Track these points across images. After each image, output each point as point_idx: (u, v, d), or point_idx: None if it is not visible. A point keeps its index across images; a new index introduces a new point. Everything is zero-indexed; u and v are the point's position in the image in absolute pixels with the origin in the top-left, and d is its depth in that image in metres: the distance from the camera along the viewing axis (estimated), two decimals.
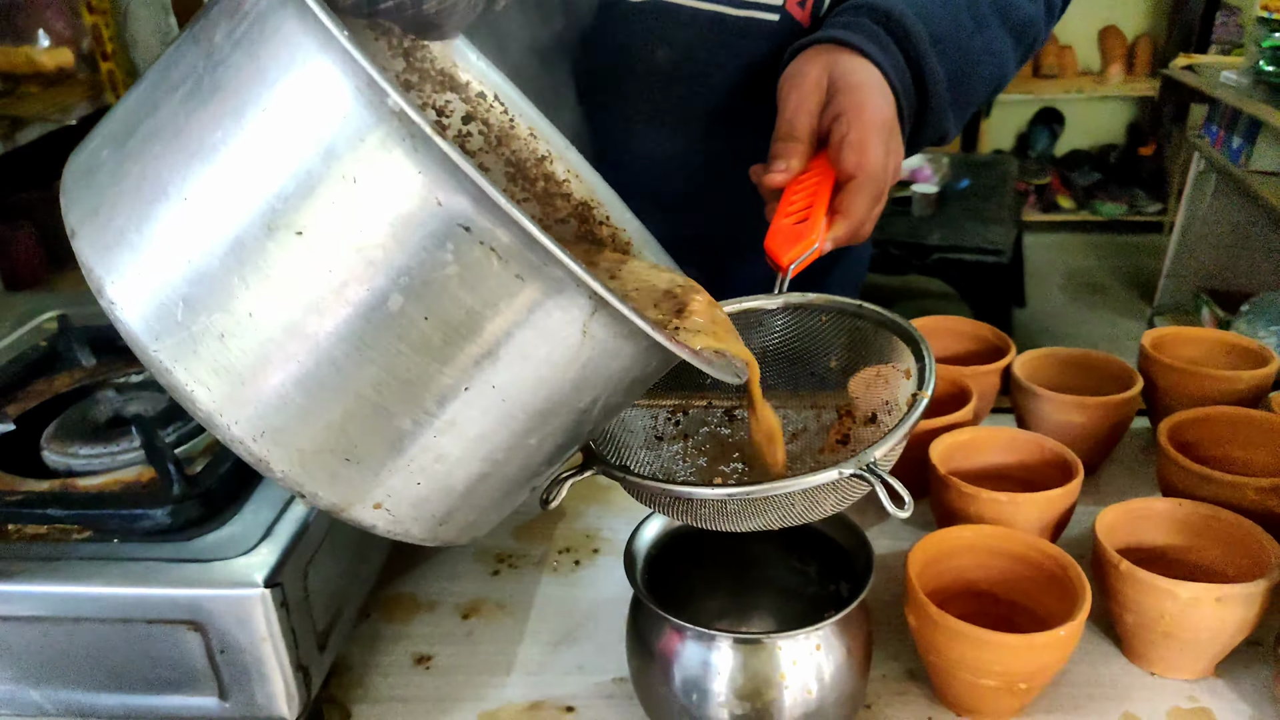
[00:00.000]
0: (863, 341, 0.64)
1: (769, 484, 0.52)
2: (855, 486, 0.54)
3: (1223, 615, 0.59)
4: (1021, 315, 3.79)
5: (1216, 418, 0.77)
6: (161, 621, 0.54)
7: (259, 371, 0.41)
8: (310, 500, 0.44)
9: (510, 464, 0.46)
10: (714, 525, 0.56)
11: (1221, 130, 2.19)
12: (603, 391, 0.46)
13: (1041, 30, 0.85)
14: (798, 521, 0.55)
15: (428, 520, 0.47)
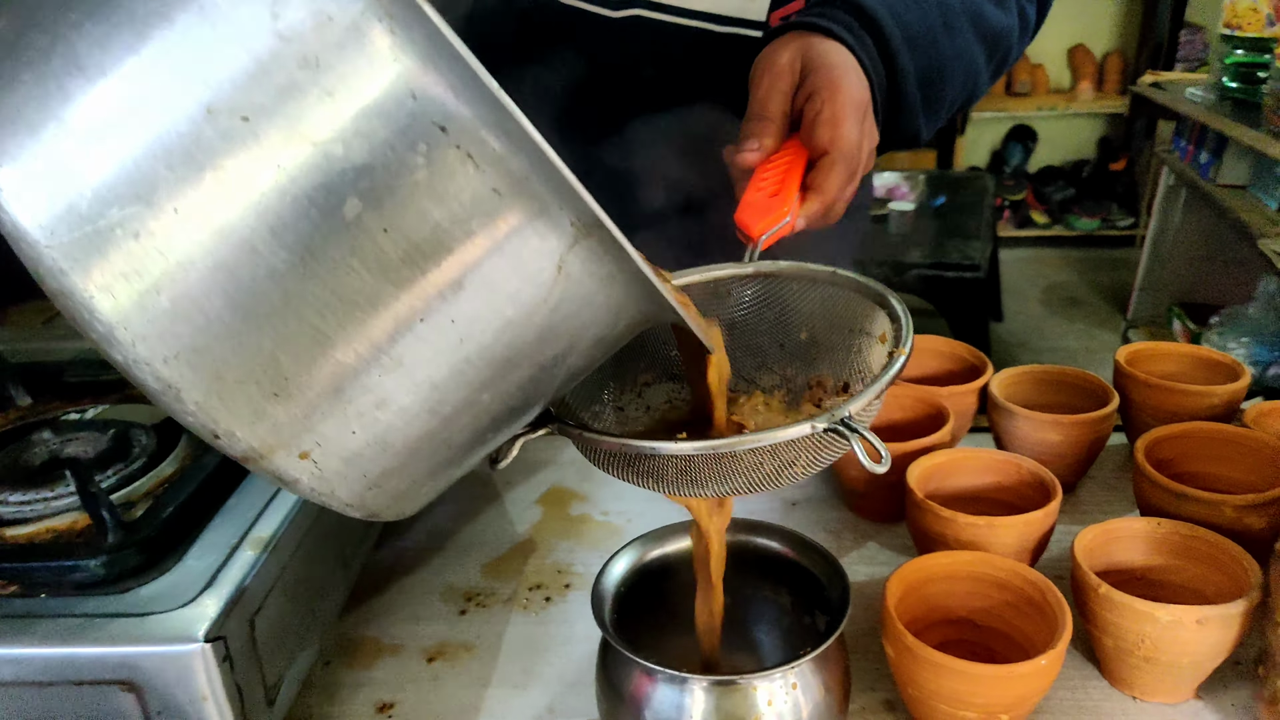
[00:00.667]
0: (836, 310, 0.60)
1: (738, 438, 0.47)
2: (829, 446, 0.49)
3: (1203, 637, 0.57)
4: (999, 329, 3.80)
5: (1193, 434, 0.75)
6: (91, 683, 0.51)
7: (180, 279, 0.34)
8: (225, 443, 0.37)
9: (457, 422, 0.41)
10: (678, 489, 0.51)
11: (1190, 145, 2.20)
12: (568, 347, 0.41)
13: (1014, 43, 0.84)
14: (768, 486, 0.51)
15: (357, 481, 0.40)
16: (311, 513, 0.62)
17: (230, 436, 0.37)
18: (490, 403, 0.41)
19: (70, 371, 0.79)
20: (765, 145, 0.66)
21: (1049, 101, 4.52)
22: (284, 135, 0.34)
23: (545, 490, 0.89)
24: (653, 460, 0.49)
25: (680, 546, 0.62)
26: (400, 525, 0.84)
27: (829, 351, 0.60)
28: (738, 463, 0.48)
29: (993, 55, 0.82)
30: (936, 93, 0.77)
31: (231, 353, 0.36)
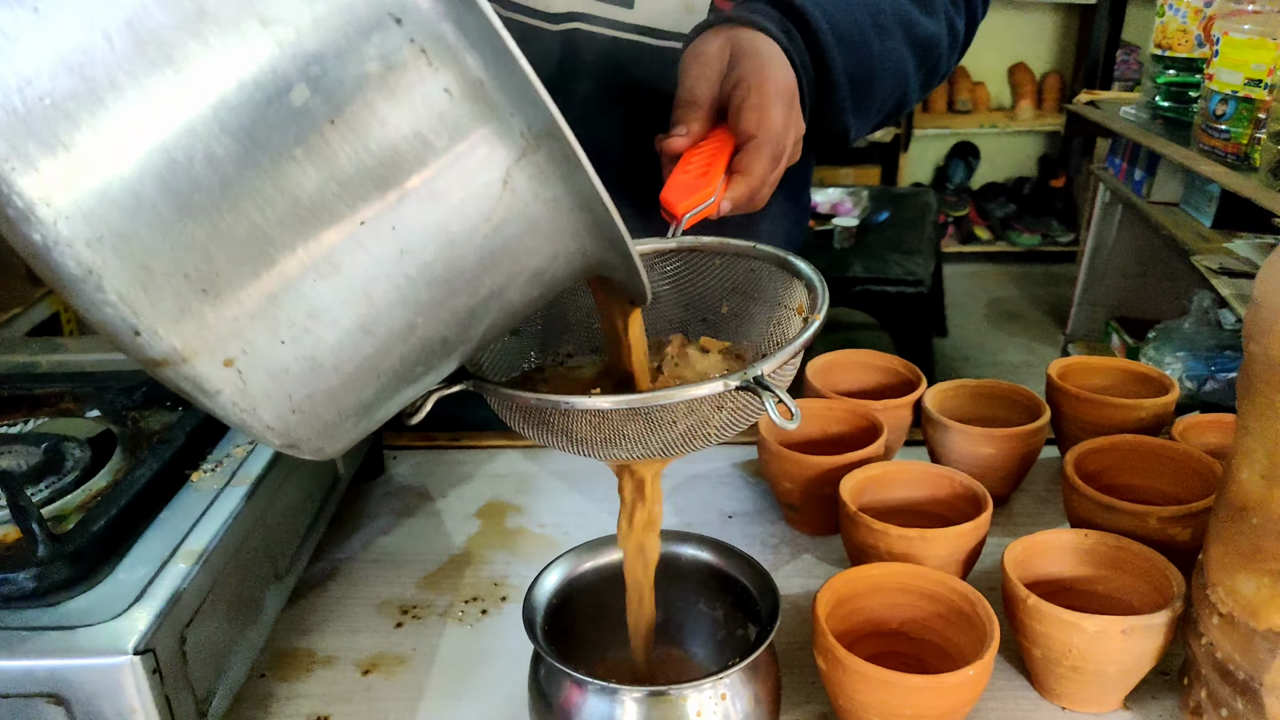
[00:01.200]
0: (757, 284, 0.61)
1: (652, 393, 0.47)
2: (743, 407, 0.50)
3: (1129, 647, 0.59)
4: (943, 344, 3.86)
5: (1121, 446, 0.77)
6: (20, 695, 0.50)
7: (112, 158, 0.33)
8: (145, 341, 0.35)
9: (388, 347, 0.39)
10: (591, 450, 0.51)
11: (1124, 163, 2.26)
12: (506, 279, 0.40)
13: (943, 52, 0.87)
14: (681, 448, 0.51)
15: (282, 401, 0.38)
16: (245, 526, 0.62)
17: (152, 334, 0.35)
18: (423, 331, 0.39)
19: (4, 385, 0.78)
20: (693, 130, 0.67)
21: (990, 119, 4.61)
22: (234, 13, 0.33)
23: (483, 503, 0.88)
24: (567, 416, 0.49)
25: (613, 558, 0.63)
26: (337, 538, 0.84)
27: (749, 324, 0.61)
28: (651, 420, 0.48)
29: (923, 62, 0.84)
30: (865, 91, 0.78)
31: (161, 241, 0.34)
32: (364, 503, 0.89)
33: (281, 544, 0.68)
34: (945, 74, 0.91)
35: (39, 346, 0.86)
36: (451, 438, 0.99)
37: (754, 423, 0.52)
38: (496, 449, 0.97)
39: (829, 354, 0.93)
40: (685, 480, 0.91)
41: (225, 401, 0.37)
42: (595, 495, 0.89)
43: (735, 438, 0.96)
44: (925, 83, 0.87)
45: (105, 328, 0.35)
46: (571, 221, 0.39)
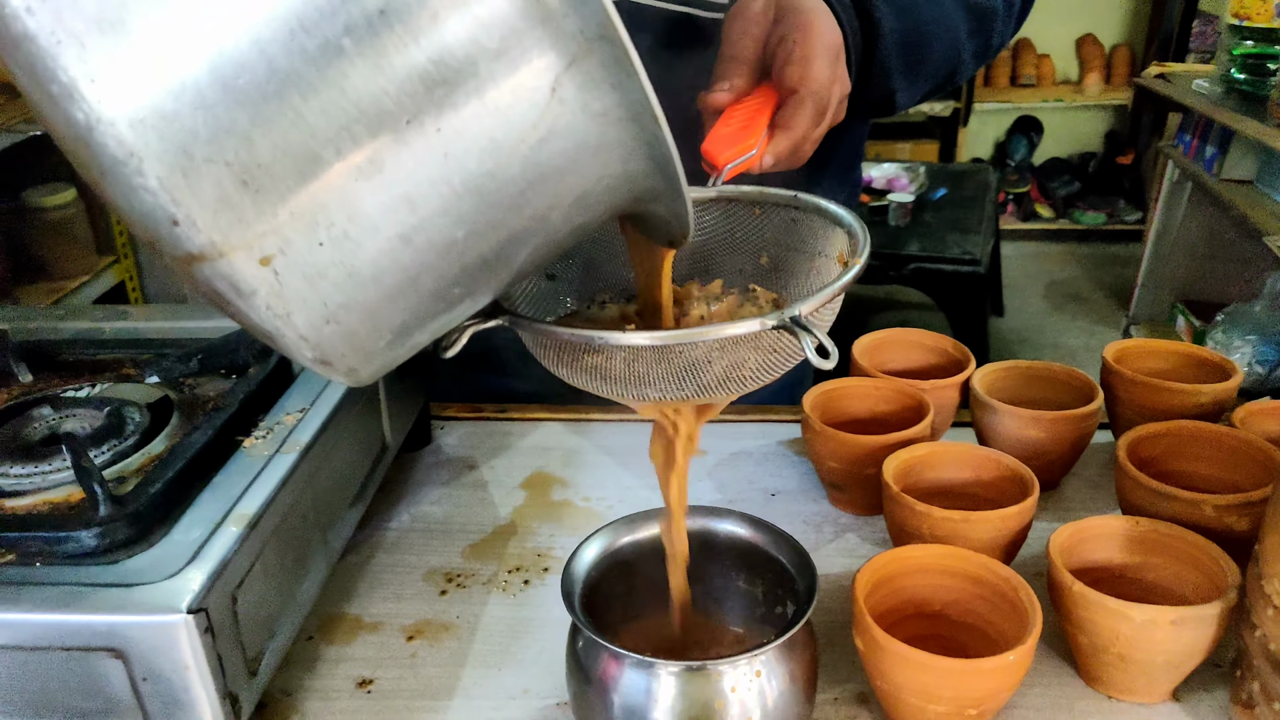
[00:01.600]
0: (797, 234, 0.61)
1: (687, 330, 0.46)
2: (779, 349, 0.49)
3: (1178, 638, 0.58)
4: (1000, 325, 3.80)
5: (1177, 432, 0.76)
6: (81, 649, 0.52)
7: (160, 36, 0.32)
8: (183, 232, 0.34)
9: (426, 261, 0.38)
10: (624, 391, 0.50)
11: (1194, 139, 2.19)
12: (548, 201, 0.40)
13: (998, 20, 0.85)
14: (718, 391, 0.50)
15: (316, 308, 0.37)
16: (294, 491, 0.63)
17: (190, 224, 0.34)
18: (463, 248, 0.39)
19: (70, 350, 0.80)
20: (736, 85, 0.67)
21: (1055, 93, 4.50)
22: None
23: (528, 475, 0.89)
24: (600, 353, 0.48)
25: (653, 532, 0.63)
26: (384, 506, 0.85)
27: (789, 275, 0.61)
28: (685, 359, 0.48)
29: (976, 29, 0.82)
30: (914, 54, 0.77)
31: (204, 126, 0.33)
32: (412, 472, 0.90)
33: (330, 510, 0.69)
34: (1000, 45, 0.89)
35: (103, 314, 0.88)
36: (499, 409, 1.00)
37: (791, 367, 0.51)
38: (543, 421, 0.98)
39: (877, 333, 0.92)
40: (729, 457, 0.91)
41: (259, 304, 0.36)
42: (641, 470, 0.90)
43: (779, 416, 0.96)
44: (979, 52, 0.85)
45: (143, 218, 0.34)
46: (621, 138, 0.38)
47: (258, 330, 0.38)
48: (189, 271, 0.35)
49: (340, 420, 0.71)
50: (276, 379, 0.73)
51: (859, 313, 3.77)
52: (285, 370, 0.75)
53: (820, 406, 0.84)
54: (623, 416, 0.98)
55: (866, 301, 3.84)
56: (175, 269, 0.36)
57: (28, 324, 0.85)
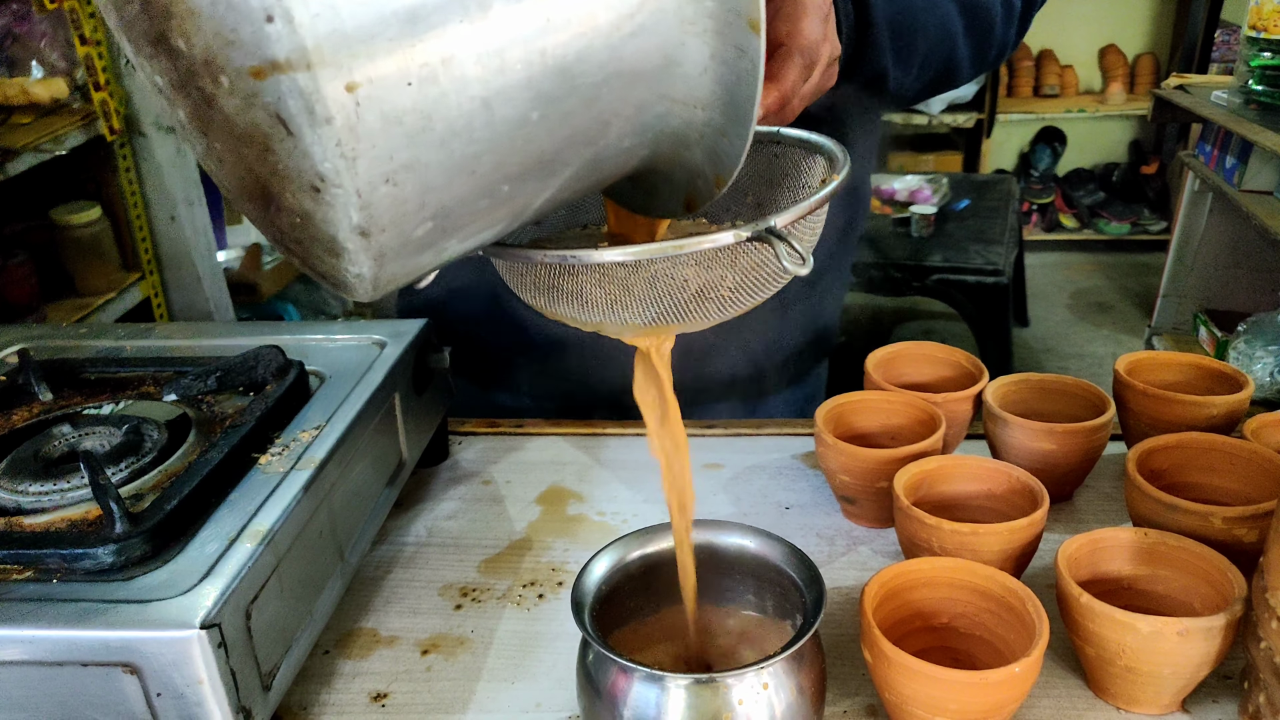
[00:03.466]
0: (780, 169, 0.61)
1: (660, 244, 0.45)
2: (757, 267, 0.49)
3: (1185, 649, 0.58)
4: (1024, 335, 3.78)
5: (1188, 444, 0.76)
6: (97, 664, 0.53)
7: None
8: (275, 30, 0.32)
9: (495, 136, 0.38)
10: (600, 314, 0.50)
11: (1215, 150, 2.18)
12: (614, 106, 0.40)
13: (995, 20, 0.85)
14: (694, 314, 0.49)
15: (381, 159, 0.35)
16: (309, 508, 0.64)
17: (286, 21, 0.32)
18: (530, 132, 0.38)
19: (91, 368, 0.82)
20: None
21: (1078, 103, 4.49)
22: None
23: (544, 490, 0.90)
24: (576, 276, 0.48)
25: (663, 546, 0.64)
26: (402, 521, 0.86)
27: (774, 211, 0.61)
28: (661, 277, 0.47)
29: (972, 25, 0.83)
30: (906, 39, 0.78)
31: None
32: (429, 487, 0.91)
33: (345, 526, 0.70)
34: (1001, 49, 0.89)
35: (125, 332, 0.90)
36: (516, 424, 1.01)
37: (772, 292, 0.51)
38: (559, 436, 0.99)
39: (890, 346, 0.92)
40: (743, 471, 0.92)
41: (329, 137, 0.33)
42: (656, 485, 0.90)
43: (794, 429, 0.96)
44: (977, 51, 0.86)
45: (230, 10, 0.32)
46: (701, 52, 0.39)
47: (305, 177, 0.35)
48: (254, 89, 0.33)
49: (356, 436, 0.72)
50: (293, 396, 0.74)
51: (882, 324, 3.76)
52: (302, 387, 0.76)
53: (833, 420, 0.84)
54: (638, 431, 0.99)
55: (890, 313, 3.83)
56: (230, 91, 0.34)
57: (50, 342, 0.87)
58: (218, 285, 2.35)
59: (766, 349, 1.05)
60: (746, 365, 1.05)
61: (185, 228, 2.21)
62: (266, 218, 0.40)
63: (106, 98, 1.98)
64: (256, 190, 0.39)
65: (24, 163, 1.77)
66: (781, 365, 1.07)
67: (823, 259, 1.02)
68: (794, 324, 1.05)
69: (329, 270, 0.40)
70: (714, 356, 1.02)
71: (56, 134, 1.86)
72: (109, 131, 2.00)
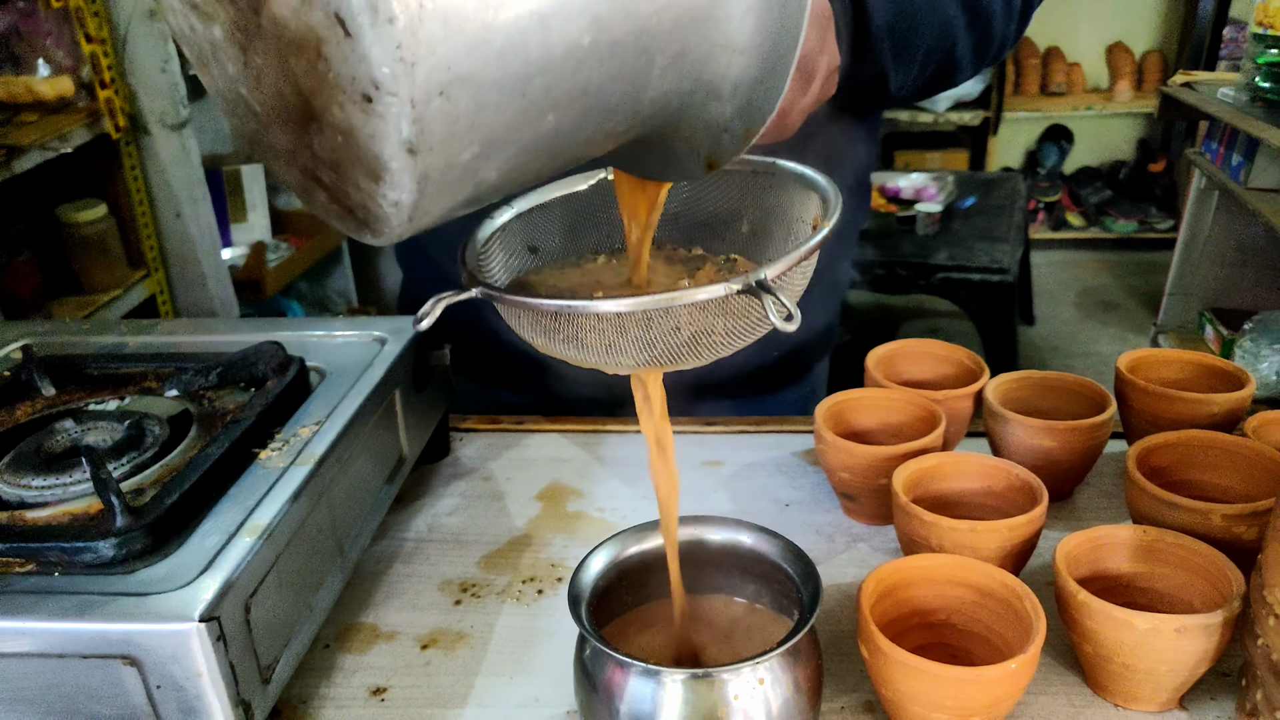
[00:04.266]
0: (776, 200, 0.62)
1: (652, 296, 0.47)
2: (746, 314, 0.50)
3: (1182, 646, 0.58)
4: (1031, 334, 3.77)
5: (1189, 442, 0.75)
6: (97, 656, 0.54)
7: None
8: None
9: (548, 58, 0.37)
10: (598, 358, 0.52)
11: (1221, 147, 2.17)
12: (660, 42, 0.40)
13: (996, 15, 0.84)
14: (689, 357, 0.51)
15: (439, 68, 0.34)
16: (309, 502, 0.64)
17: None
18: (581, 59, 0.38)
19: (94, 364, 0.82)
20: None
21: (1085, 101, 4.47)
22: None
23: (544, 486, 0.90)
24: (572, 322, 0.50)
25: (660, 542, 0.64)
26: (403, 517, 0.87)
27: (769, 241, 0.62)
28: (654, 325, 0.49)
29: (973, 21, 0.82)
30: (906, 38, 0.77)
31: None
32: (430, 483, 0.92)
33: (345, 521, 0.71)
34: (1002, 45, 0.88)
35: (128, 328, 0.90)
36: (516, 421, 1.01)
37: (762, 334, 0.53)
38: (560, 433, 0.99)
39: (891, 344, 0.92)
40: (743, 468, 0.92)
41: (390, 38, 0.33)
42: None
43: (794, 427, 0.97)
44: (978, 47, 0.85)
45: None
46: None
47: (359, 84, 0.34)
48: None
49: (356, 432, 0.72)
50: (293, 392, 0.74)
51: (888, 322, 3.76)
52: (303, 383, 0.76)
53: (833, 417, 0.84)
54: (636, 429, 0.99)
55: (895, 311, 3.83)
56: None
57: (53, 338, 0.88)
58: (222, 282, 2.36)
59: (767, 346, 1.05)
60: (747, 363, 1.04)
61: (190, 225, 2.22)
62: (301, 145, 0.39)
63: (112, 95, 1.99)
64: (296, 109, 0.37)
65: (30, 160, 1.78)
66: (782, 363, 1.07)
67: (824, 258, 1.02)
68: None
69: (362, 201, 0.38)
70: None
71: (62, 132, 1.86)
72: (114, 129, 2.01)
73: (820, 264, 1.06)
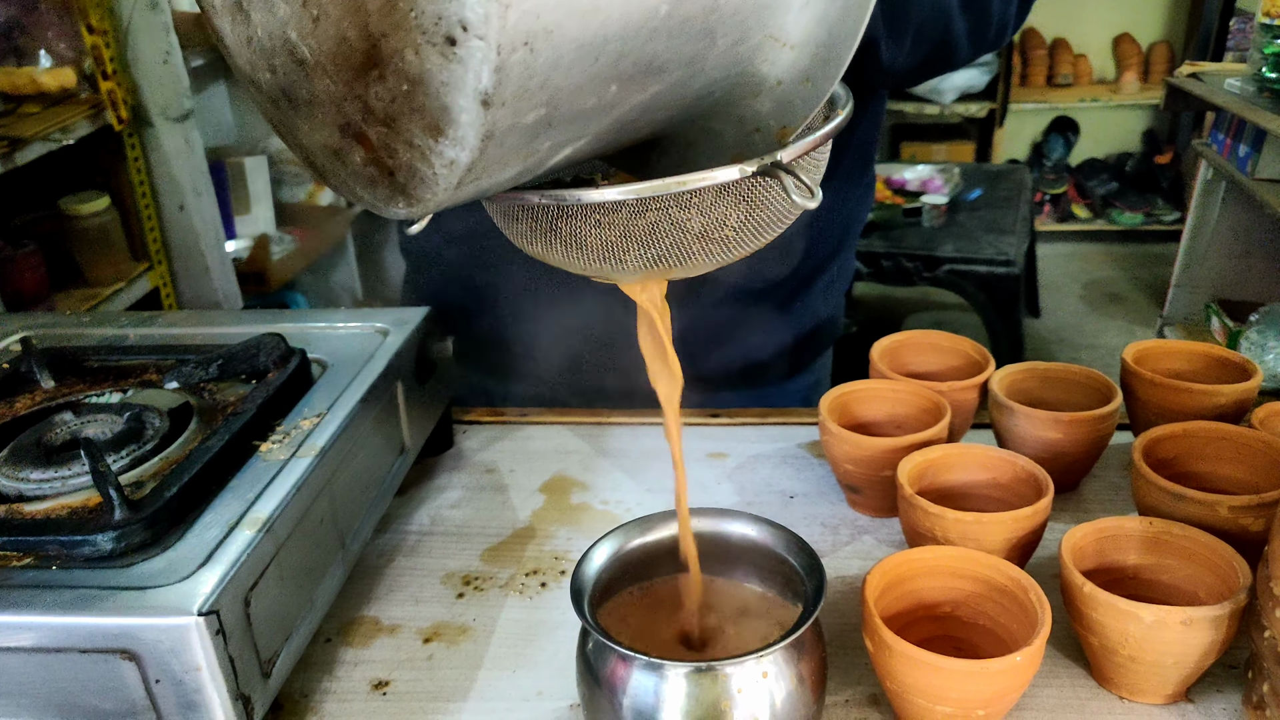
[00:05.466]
0: None
1: (661, 181, 0.43)
2: (762, 204, 0.47)
3: (1188, 639, 0.57)
4: (1037, 326, 3.76)
5: (1195, 433, 0.75)
6: (96, 651, 0.53)
7: None
8: None
9: (629, 16, 0.37)
10: (600, 261, 0.48)
11: (1228, 138, 2.16)
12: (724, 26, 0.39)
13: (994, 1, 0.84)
14: (699, 257, 0.48)
15: (529, 15, 0.33)
16: (309, 495, 0.64)
17: None
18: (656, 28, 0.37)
19: (95, 356, 0.82)
20: None
21: (1092, 92, 4.45)
22: None
23: (548, 478, 0.90)
24: (573, 218, 0.47)
25: (665, 534, 0.63)
26: (405, 510, 0.86)
27: None
28: (662, 219, 0.46)
29: (967, 2, 0.81)
30: (899, 12, 0.77)
31: None
32: (433, 476, 0.91)
33: (347, 514, 0.70)
34: (1001, 28, 0.87)
35: (129, 320, 0.90)
36: (520, 413, 1.01)
37: (778, 232, 0.49)
38: (564, 425, 0.99)
39: (896, 335, 0.92)
40: (748, 460, 0.91)
41: None
42: (660, 474, 0.90)
43: (799, 419, 0.96)
44: (975, 28, 0.84)
45: None
46: None
47: (445, 24, 0.33)
48: None
49: (358, 424, 0.72)
50: (295, 384, 0.74)
51: (894, 315, 3.75)
52: (304, 375, 0.76)
53: (838, 409, 0.84)
54: (643, 420, 0.99)
55: (901, 304, 3.82)
56: None
57: (53, 330, 0.87)
58: (226, 275, 2.36)
59: (771, 337, 1.04)
60: (751, 354, 1.04)
61: (194, 217, 2.22)
62: (351, 96, 0.37)
63: (114, 87, 1.98)
64: (358, 54, 0.36)
65: (33, 152, 1.77)
66: (786, 354, 1.06)
67: (827, 247, 1.02)
68: (798, 313, 1.04)
69: (411, 160, 0.37)
70: (719, 345, 1.02)
71: (65, 124, 1.86)
72: (117, 121, 2.01)
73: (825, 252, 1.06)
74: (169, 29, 2.06)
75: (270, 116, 0.45)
